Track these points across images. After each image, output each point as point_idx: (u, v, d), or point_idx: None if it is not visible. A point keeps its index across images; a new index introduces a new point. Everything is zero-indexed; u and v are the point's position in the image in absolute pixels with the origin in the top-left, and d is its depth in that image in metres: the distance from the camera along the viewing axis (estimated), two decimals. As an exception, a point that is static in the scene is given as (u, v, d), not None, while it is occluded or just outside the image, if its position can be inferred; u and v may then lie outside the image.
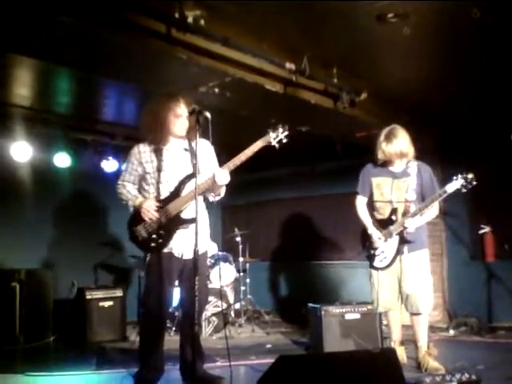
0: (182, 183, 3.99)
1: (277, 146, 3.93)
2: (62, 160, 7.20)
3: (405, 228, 4.62)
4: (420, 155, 4.93)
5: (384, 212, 4.84)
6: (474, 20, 4.21)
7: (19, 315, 6.15)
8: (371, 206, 4.98)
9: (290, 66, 5.01)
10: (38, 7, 3.51)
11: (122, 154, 7.60)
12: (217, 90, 5.12)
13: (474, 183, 4.49)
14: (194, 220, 3.69)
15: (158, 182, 4.04)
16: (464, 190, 4.51)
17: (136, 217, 4.02)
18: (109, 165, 7.61)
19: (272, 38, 4.84)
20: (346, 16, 4.33)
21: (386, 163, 4.85)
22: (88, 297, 6.56)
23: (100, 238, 7.51)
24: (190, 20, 4.10)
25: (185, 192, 3.97)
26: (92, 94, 6.05)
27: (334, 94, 5.72)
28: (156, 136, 4.05)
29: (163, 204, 3.98)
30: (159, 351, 4.09)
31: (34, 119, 6.58)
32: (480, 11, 4.12)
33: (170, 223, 3.95)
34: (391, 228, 4.72)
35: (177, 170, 4.03)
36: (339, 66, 5.48)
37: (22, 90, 5.72)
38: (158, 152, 4.09)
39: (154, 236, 3.93)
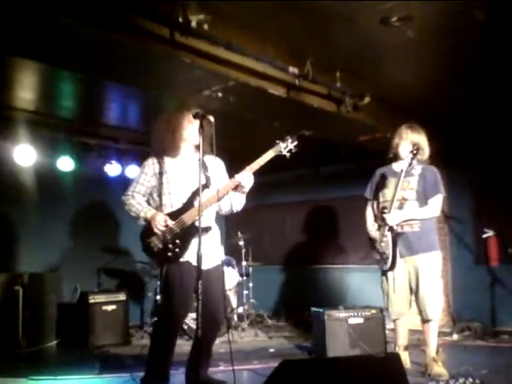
0: (196, 193, 3.97)
1: (287, 155, 4.01)
2: (66, 164, 7.19)
3: (386, 223, 4.65)
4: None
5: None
6: (479, 22, 4.20)
7: (22, 319, 6.16)
8: (378, 207, 4.97)
9: (293, 70, 5.01)
10: (41, 10, 3.51)
11: (126, 157, 7.63)
12: (220, 94, 5.12)
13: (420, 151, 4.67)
14: (208, 229, 3.94)
15: (172, 193, 4.05)
16: (415, 162, 4.64)
17: (149, 228, 4.00)
18: (112, 169, 7.61)
19: (275, 42, 4.84)
20: (349, 19, 4.33)
21: (394, 159, 4.91)
22: (91, 301, 6.57)
23: (103, 242, 7.52)
24: (193, 24, 4.10)
25: (198, 202, 3.92)
26: (95, 98, 6.05)
27: (337, 98, 5.71)
28: (171, 144, 4.06)
29: (177, 214, 3.98)
30: (169, 360, 4.08)
31: (37, 123, 6.58)
32: (484, 13, 4.11)
33: (186, 233, 3.94)
34: (383, 228, 4.73)
35: (190, 181, 4.03)
36: (342, 70, 5.47)
37: (26, 93, 5.73)
38: (171, 163, 4.11)
39: (170, 246, 3.92)
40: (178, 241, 3.93)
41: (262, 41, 4.77)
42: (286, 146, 3.99)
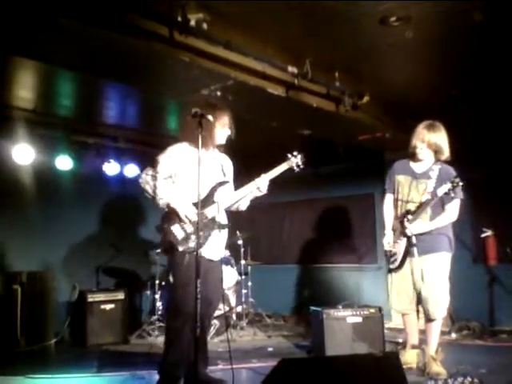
0: (214, 189, 4.14)
1: (296, 170, 4.36)
2: (64, 163, 7.17)
3: (405, 231, 4.63)
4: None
5: (399, 211, 4.81)
6: (477, 23, 4.21)
7: (20, 317, 6.14)
8: (394, 203, 4.93)
9: (292, 69, 5.02)
10: (40, 9, 3.51)
11: (124, 156, 7.62)
12: (219, 93, 5.12)
13: (461, 185, 4.49)
14: (226, 225, 4.20)
15: (194, 184, 4.05)
16: (452, 195, 4.49)
17: (170, 216, 4.08)
18: (111, 167, 7.59)
19: (274, 41, 4.84)
20: (348, 19, 4.33)
21: (412, 158, 4.83)
22: (89, 299, 6.57)
23: (102, 240, 7.50)
24: (192, 23, 4.11)
25: (216, 198, 4.12)
26: (94, 97, 6.05)
27: (336, 98, 5.72)
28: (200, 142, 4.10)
29: (200, 207, 4.03)
30: (184, 347, 4.07)
31: (36, 122, 6.57)
32: (482, 14, 4.12)
33: (206, 226, 4.04)
34: (401, 230, 4.70)
35: (210, 176, 4.14)
36: (341, 70, 5.47)
37: (25, 92, 5.72)
38: (197, 155, 4.11)
39: (192, 237, 4.01)
40: (201, 233, 3.97)
41: (261, 40, 4.77)
42: (297, 162, 4.34)
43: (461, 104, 6.21)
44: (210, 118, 3.70)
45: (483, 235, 7.19)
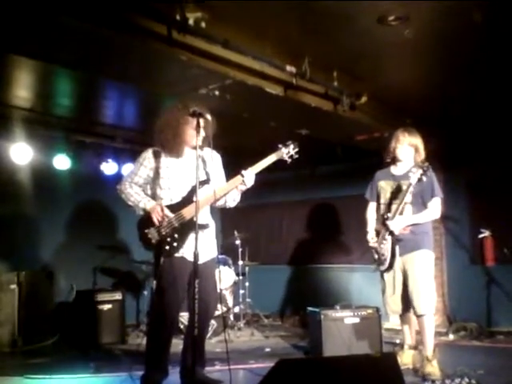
0: (193, 190, 3.98)
1: (288, 160, 4.18)
2: (62, 162, 7.17)
3: (388, 228, 4.69)
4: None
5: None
6: (476, 23, 4.20)
7: (18, 318, 6.14)
8: (378, 208, 5.04)
9: (290, 68, 5.01)
10: (39, 7, 3.50)
11: (122, 156, 7.61)
12: (217, 93, 5.11)
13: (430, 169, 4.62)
14: (206, 226, 4.04)
15: (172, 188, 4.08)
16: (425, 179, 4.57)
17: (147, 219, 4.02)
18: (108, 167, 7.58)
19: (273, 40, 4.83)
20: (346, 19, 4.32)
21: (392, 162, 4.98)
22: (87, 300, 6.55)
23: (99, 240, 7.49)
24: (190, 22, 4.09)
25: (195, 198, 3.96)
26: (92, 96, 6.04)
27: (335, 97, 5.70)
28: (173, 148, 4.09)
29: (176, 208, 4.00)
30: (167, 353, 4.10)
31: (33, 121, 6.56)
32: (482, 14, 4.12)
33: (184, 227, 3.97)
34: (385, 229, 4.76)
35: (189, 177, 4.04)
36: (340, 69, 5.46)
37: (22, 91, 5.71)
38: (172, 158, 4.13)
39: (168, 239, 3.95)
40: (176, 235, 3.95)
41: (260, 39, 4.75)
42: (288, 152, 4.15)
43: (459, 103, 6.21)
44: (209, 116, 3.70)
45: (481, 236, 7.19)
